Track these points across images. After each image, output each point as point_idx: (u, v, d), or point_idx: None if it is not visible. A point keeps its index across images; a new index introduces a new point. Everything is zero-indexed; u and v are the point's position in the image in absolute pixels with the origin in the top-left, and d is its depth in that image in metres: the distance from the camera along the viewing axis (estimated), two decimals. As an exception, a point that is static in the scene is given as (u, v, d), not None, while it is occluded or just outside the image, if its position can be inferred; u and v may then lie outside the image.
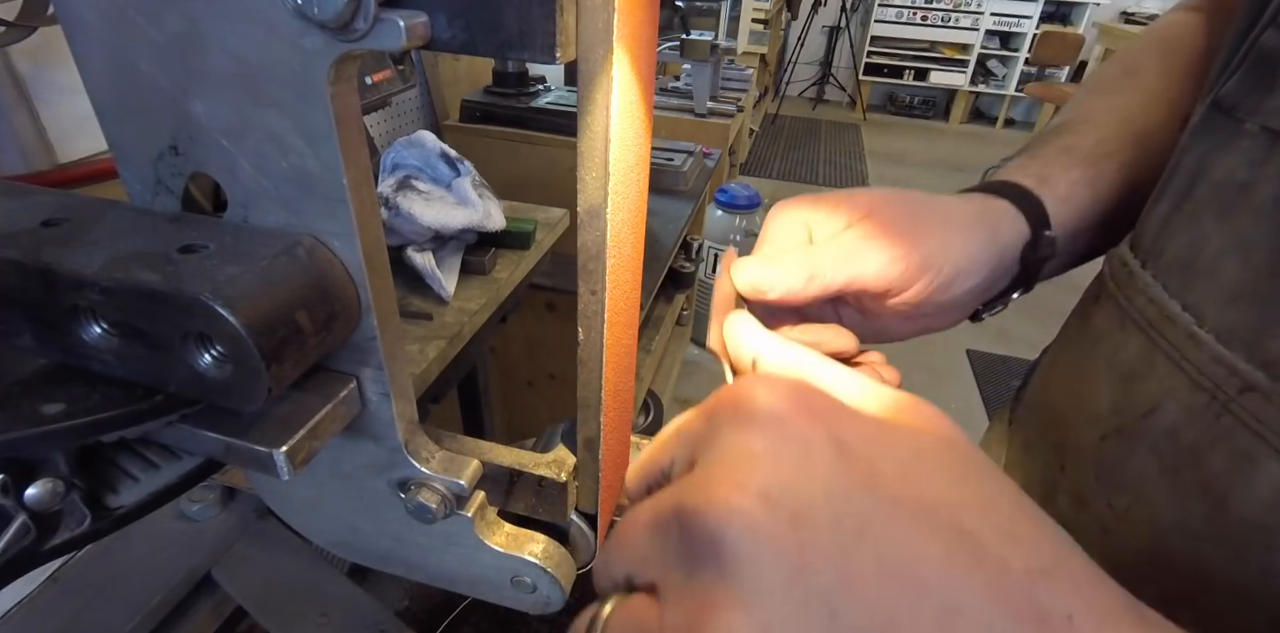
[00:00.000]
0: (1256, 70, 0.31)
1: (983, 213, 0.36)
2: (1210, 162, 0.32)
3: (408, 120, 1.33)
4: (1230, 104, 0.32)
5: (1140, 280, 0.34)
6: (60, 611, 0.56)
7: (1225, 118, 0.32)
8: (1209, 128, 0.33)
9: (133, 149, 0.26)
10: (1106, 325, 0.37)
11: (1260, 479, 0.27)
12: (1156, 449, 0.31)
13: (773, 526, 0.17)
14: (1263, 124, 0.29)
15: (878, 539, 0.17)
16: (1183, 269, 0.32)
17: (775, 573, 0.16)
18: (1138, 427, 0.32)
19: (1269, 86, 0.29)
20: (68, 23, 0.24)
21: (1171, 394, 0.31)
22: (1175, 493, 0.30)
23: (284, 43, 0.22)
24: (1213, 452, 0.28)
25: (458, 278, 0.76)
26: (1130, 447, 0.32)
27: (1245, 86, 0.31)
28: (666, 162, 1.43)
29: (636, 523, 0.20)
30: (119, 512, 0.30)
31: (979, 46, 5.30)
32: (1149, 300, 0.33)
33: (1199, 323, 0.30)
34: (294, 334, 0.24)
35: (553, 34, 0.21)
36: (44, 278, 0.23)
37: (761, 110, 4.56)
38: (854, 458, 0.19)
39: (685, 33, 1.66)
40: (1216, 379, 0.29)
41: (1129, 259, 0.36)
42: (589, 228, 0.27)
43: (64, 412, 0.24)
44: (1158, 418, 0.31)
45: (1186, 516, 0.29)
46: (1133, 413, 0.33)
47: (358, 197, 0.25)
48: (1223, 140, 0.31)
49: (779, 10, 3.95)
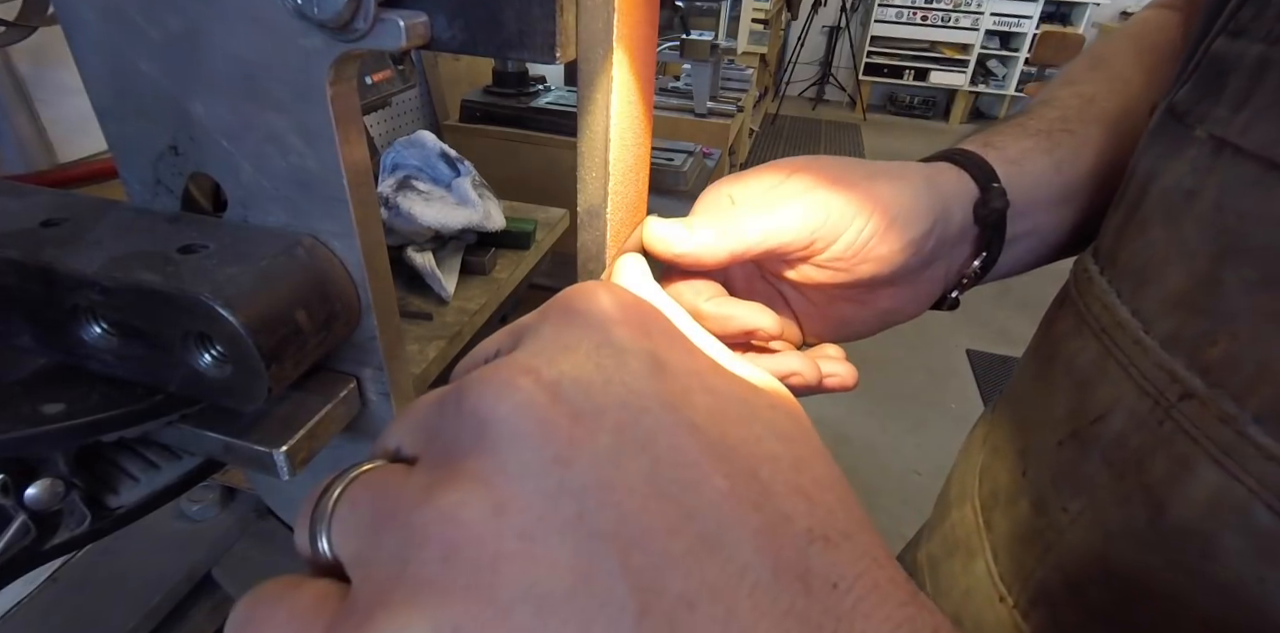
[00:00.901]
0: (1207, 77, 0.31)
1: (918, 167, 0.34)
2: (1160, 168, 0.32)
3: (408, 120, 1.33)
4: (1182, 110, 0.32)
5: (1098, 286, 0.34)
6: (60, 610, 0.56)
7: (1178, 124, 0.32)
8: (1162, 134, 0.33)
9: (133, 149, 0.26)
10: (1066, 331, 0.36)
11: (1196, 486, 0.27)
12: (1106, 455, 0.31)
13: (548, 413, 0.16)
14: (1209, 132, 0.29)
15: (657, 457, 0.16)
16: (1133, 275, 0.32)
17: (533, 458, 0.15)
18: (1090, 432, 0.32)
19: (1217, 94, 0.29)
20: (68, 23, 0.24)
21: (1120, 400, 0.31)
22: (1120, 498, 0.30)
23: (284, 43, 0.22)
24: (1154, 458, 0.28)
25: (458, 278, 0.76)
26: (1083, 452, 0.32)
27: (1196, 93, 0.31)
28: (666, 162, 1.43)
29: (426, 399, 0.19)
30: (119, 512, 0.30)
31: (979, 46, 5.30)
32: (1104, 306, 0.33)
33: (1145, 329, 0.30)
34: (294, 334, 0.24)
35: (553, 34, 0.21)
36: (44, 278, 0.23)
37: (761, 110, 4.56)
38: (669, 379, 0.18)
39: (685, 33, 1.66)
40: (1159, 385, 0.29)
41: (1089, 265, 0.36)
42: (589, 228, 0.27)
43: (64, 412, 0.24)
44: (1107, 424, 0.31)
45: (1130, 520, 0.29)
46: (1085, 418, 0.33)
47: (358, 197, 0.25)
48: (1173, 147, 0.31)
49: (779, 10, 3.95)
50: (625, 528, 0.15)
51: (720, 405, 0.18)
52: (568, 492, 0.15)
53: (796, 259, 0.31)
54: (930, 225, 0.32)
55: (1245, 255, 0.26)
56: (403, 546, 0.15)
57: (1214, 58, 0.30)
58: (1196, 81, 0.31)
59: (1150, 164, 0.33)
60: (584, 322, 0.19)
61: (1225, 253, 0.27)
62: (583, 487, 0.15)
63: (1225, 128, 0.28)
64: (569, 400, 0.16)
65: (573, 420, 0.16)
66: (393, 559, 0.15)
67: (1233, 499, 0.25)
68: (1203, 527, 0.26)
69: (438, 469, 0.16)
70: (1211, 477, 0.26)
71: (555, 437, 0.16)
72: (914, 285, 0.35)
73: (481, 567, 0.14)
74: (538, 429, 0.16)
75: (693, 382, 0.18)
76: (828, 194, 0.30)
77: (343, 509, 0.17)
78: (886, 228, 0.31)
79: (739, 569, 0.15)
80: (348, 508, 0.17)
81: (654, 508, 0.15)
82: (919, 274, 0.35)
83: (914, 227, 0.32)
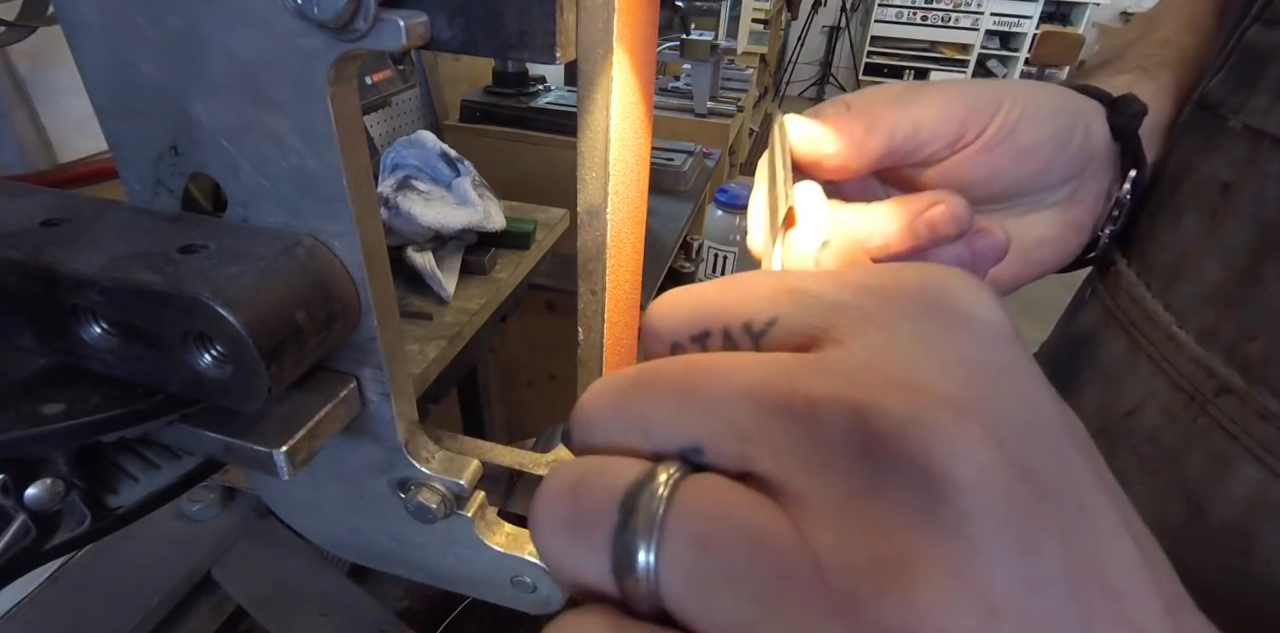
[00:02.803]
0: (1241, 67, 0.30)
1: (1029, 81, 0.32)
2: (1194, 161, 0.32)
3: (408, 120, 1.33)
4: (1215, 101, 0.31)
5: (1125, 280, 0.34)
6: (61, 610, 0.56)
7: (1211, 116, 0.31)
8: (1195, 126, 0.33)
9: (133, 149, 0.26)
10: (1092, 325, 0.36)
11: (1235, 482, 0.26)
12: (1137, 450, 0.31)
13: (1009, 480, 0.13)
14: (1245, 122, 0.29)
15: (1092, 521, 0.13)
16: (1165, 269, 0.32)
17: (1007, 544, 0.12)
18: (1120, 427, 0.32)
19: (1253, 84, 0.29)
20: (68, 23, 0.24)
21: (1152, 395, 0.30)
22: (1155, 494, 0.30)
23: (284, 43, 0.22)
24: (1190, 454, 0.28)
25: (458, 278, 0.76)
26: (1113, 447, 0.32)
27: (1230, 84, 0.31)
28: (666, 161, 1.43)
29: (726, 387, 0.15)
30: (119, 512, 0.30)
31: (979, 46, 5.30)
32: (1132, 300, 0.33)
33: (1179, 323, 0.30)
34: (294, 334, 0.24)
35: (553, 34, 0.21)
36: (44, 278, 0.23)
37: (761, 110, 4.55)
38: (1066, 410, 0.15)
39: (685, 33, 1.65)
40: (1195, 381, 0.28)
41: (1116, 258, 0.36)
42: (589, 228, 0.27)
43: (64, 412, 0.24)
44: (1139, 418, 0.31)
45: (1165, 517, 0.29)
46: (1115, 413, 0.32)
47: (357, 197, 0.25)
48: (1207, 139, 0.31)
49: (779, 10, 3.95)
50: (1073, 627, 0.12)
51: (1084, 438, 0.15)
52: (1039, 588, 0.12)
53: (941, 157, 0.29)
54: (1071, 121, 0.30)
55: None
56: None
57: (1248, 47, 0.30)
58: (1229, 71, 0.31)
59: (1183, 157, 0.32)
60: (978, 331, 0.15)
61: (1267, 247, 0.26)
62: (1052, 580, 0.12)
63: (1265, 119, 0.28)
64: (1017, 460, 0.13)
65: (1033, 494, 0.13)
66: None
67: (1275, 496, 0.25)
68: (1244, 524, 0.26)
69: (877, 535, 0.13)
70: (1251, 473, 0.26)
71: (1022, 515, 0.13)
72: (1067, 209, 0.33)
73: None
74: (1006, 506, 0.13)
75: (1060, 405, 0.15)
76: (963, 87, 0.29)
77: (680, 546, 0.13)
78: (1031, 115, 0.29)
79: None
80: (688, 546, 0.13)
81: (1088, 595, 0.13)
82: (1073, 192, 0.32)
83: (1056, 118, 0.30)
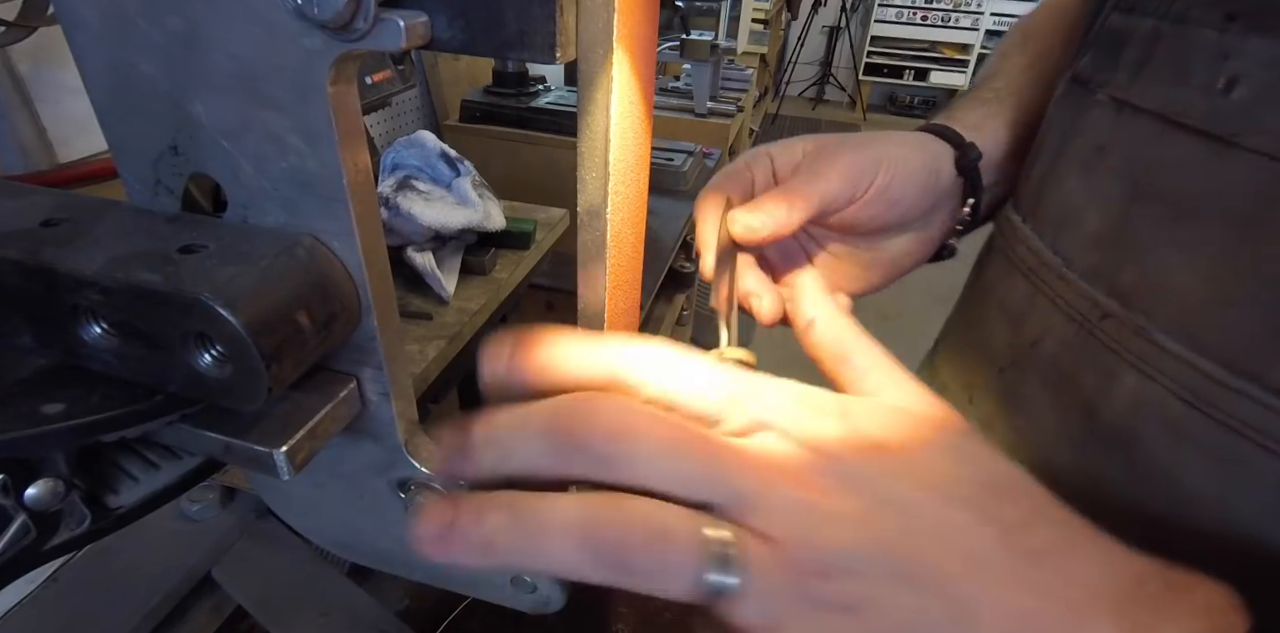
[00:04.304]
0: (1106, 48, 0.35)
1: (904, 135, 0.43)
2: (1073, 128, 0.37)
3: (408, 120, 1.33)
4: (1085, 77, 0.37)
5: (1021, 233, 0.40)
6: (60, 610, 0.57)
7: (1082, 89, 0.37)
8: (1069, 99, 0.38)
9: (133, 149, 0.26)
10: (996, 275, 0.43)
11: (1119, 390, 0.32)
12: (1042, 375, 0.37)
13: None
14: (1110, 95, 0.34)
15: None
16: (1054, 221, 0.37)
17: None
18: (1027, 357, 0.38)
19: (1114, 62, 0.34)
20: (68, 23, 0.24)
21: (1051, 328, 0.36)
22: (1059, 410, 0.35)
23: (284, 43, 0.22)
24: (1084, 371, 0.34)
25: (458, 278, 0.75)
26: (1023, 376, 0.38)
27: (1096, 63, 0.36)
28: (666, 161, 1.43)
29: (791, 486, 0.22)
30: (119, 512, 0.30)
31: (979, 46, 5.29)
32: (1029, 250, 0.39)
33: (1068, 266, 0.35)
34: (294, 334, 0.24)
35: (553, 34, 0.21)
36: (44, 278, 0.23)
37: (761, 110, 4.55)
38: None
39: (685, 33, 1.65)
40: (1083, 311, 0.34)
41: (1013, 216, 0.42)
42: (589, 228, 0.27)
43: (64, 412, 0.24)
44: (1041, 348, 0.37)
45: (1068, 426, 0.35)
46: (1022, 346, 0.38)
47: (357, 197, 0.25)
48: (1080, 110, 0.37)
49: (779, 10, 3.95)
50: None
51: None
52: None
53: (839, 210, 0.39)
54: (929, 174, 0.41)
55: (1154, 197, 0.31)
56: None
57: (1110, 31, 0.36)
58: (1095, 52, 0.37)
59: (1063, 125, 0.38)
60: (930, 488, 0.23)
61: (1136, 196, 0.32)
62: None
63: (1125, 91, 0.33)
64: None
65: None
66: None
67: (1151, 397, 0.30)
68: (1129, 422, 0.31)
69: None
70: (1132, 381, 0.31)
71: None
72: (923, 231, 0.44)
73: None
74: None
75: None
76: (851, 154, 0.38)
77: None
78: (900, 174, 0.39)
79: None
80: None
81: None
82: (927, 219, 0.43)
83: (917, 174, 0.40)
